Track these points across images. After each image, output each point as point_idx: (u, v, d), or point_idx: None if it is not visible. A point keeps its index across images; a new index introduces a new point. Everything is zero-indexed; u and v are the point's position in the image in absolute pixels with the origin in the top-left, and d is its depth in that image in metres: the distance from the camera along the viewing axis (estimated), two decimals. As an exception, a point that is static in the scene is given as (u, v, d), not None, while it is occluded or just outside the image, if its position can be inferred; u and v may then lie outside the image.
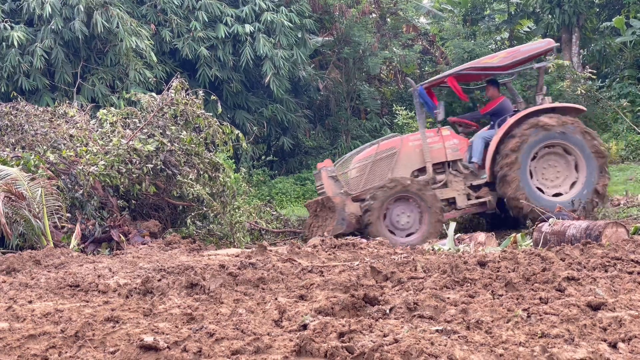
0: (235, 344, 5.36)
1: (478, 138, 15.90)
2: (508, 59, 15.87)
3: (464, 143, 15.82)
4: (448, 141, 15.63)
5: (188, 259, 10.21)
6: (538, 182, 15.27)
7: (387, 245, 11.38)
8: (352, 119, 31.02)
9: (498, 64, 15.88)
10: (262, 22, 24.53)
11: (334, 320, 5.94)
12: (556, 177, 15.35)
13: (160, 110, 14.64)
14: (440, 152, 15.55)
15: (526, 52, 16.10)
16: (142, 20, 23.32)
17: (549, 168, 15.35)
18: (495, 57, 16.14)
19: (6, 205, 11.46)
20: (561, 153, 15.29)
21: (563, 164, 15.33)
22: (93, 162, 13.35)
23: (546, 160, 15.34)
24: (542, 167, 15.33)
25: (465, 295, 6.91)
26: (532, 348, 5.16)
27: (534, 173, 15.25)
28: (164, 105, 14.65)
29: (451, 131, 16.01)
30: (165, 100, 14.70)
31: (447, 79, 15.76)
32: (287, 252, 10.23)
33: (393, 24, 33.68)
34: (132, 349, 5.26)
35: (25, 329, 5.95)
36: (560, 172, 15.34)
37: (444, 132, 15.75)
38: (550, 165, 15.35)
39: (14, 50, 20.55)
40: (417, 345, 5.08)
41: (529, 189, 14.94)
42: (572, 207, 14.09)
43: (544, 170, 15.34)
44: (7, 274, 8.88)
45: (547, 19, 33.97)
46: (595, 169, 15.10)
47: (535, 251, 9.09)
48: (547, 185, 15.32)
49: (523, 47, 16.57)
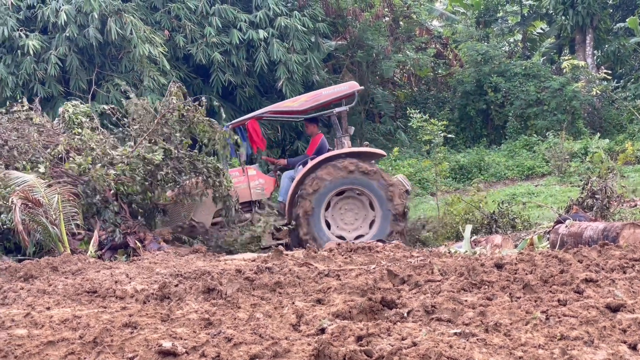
0: (253, 348, 5.36)
1: (285, 177, 15.95)
2: (309, 102, 15.92)
3: (271, 182, 15.78)
4: (253, 181, 15.50)
5: (204, 264, 10.21)
6: (331, 217, 15.35)
7: (403, 248, 11.36)
8: (366, 122, 31.00)
9: (298, 108, 15.95)
10: (276, 27, 24.54)
11: (351, 324, 5.93)
12: (351, 222, 15.46)
13: (163, 117, 14.60)
14: (245, 192, 15.43)
15: (328, 95, 16.15)
16: (156, 26, 23.38)
17: (349, 212, 15.45)
18: (297, 101, 16.24)
19: (23, 212, 11.49)
20: (355, 196, 15.39)
21: (363, 214, 15.43)
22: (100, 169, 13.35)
23: (349, 204, 15.44)
24: (344, 207, 15.44)
25: (482, 297, 6.89)
26: (552, 350, 5.14)
27: (330, 220, 15.33)
28: (166, 111, 14.60)
29: (257, 171, 15.91)
30: (167, 107, 14.65)
31: (247, 123, 15.65)
32: (304, 256, 10.21)
33: (406, 27, 33.64)
34: (151, 355, 5.26)
35: (43, 336, 5.97)
36: (357, 220, 15.47)
37: (250, 171, 15.60)
38: (352, 210, 15.45)
39: (29, 58, 20.63)
40: (435, 348, 5.06)
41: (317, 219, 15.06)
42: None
43: (344, 210, 15.44)
44: (25, 280, 8.90)
45: (560, 20, 33.91)
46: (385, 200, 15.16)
47: (552, 253, 9.05)
48: (338, 224, 15.38)
49: (325, 91, 16.58)
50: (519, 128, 30.32)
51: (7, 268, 9.38)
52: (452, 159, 26.24)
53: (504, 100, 31.14)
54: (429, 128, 19.52)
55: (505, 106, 31.08)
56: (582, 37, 32.73)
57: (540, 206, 18.50)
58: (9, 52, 21.10)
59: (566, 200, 16.61)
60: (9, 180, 12.42)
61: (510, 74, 31.36)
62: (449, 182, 24.56)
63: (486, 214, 16.14)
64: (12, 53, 20.99)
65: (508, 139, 29.92)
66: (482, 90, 31.54)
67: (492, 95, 31.16)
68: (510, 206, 16.83)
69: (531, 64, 31.95)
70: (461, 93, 32.36)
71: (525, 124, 30.40)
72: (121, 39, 21.17)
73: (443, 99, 34.65)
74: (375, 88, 31.99)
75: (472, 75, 31.94)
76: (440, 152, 19.85)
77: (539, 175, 25.67)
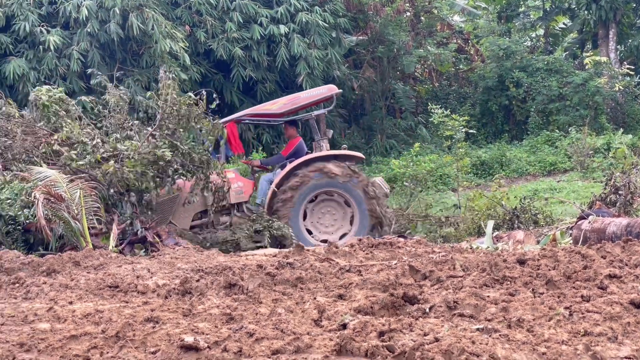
0: (275, 343, 5.36)
1: (263, 180, 15.97)
2: (288, 105, 16.06)
3: (249, 185, 15.69)
4: (232, 184, 15.34)
5: (226, 259, 10.22)
6: (311, 224, 15.44)
7: (424, 244, 11.33)
8: (387, 118, 30.94)
9: (277, 111, 16.05)
10: (297, 22, 24.53)
11: (373, 319, 5.92)
12: (331, 224, 15.56)
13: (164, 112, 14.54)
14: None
15: (306, 99, 16.37)
16: (177, 21, 23.42)
17: (326, 214, 15.56)
18: (275, 104, 16.36)
19: (45, 207, 11.54)
20: (333, 198, 15.50)
21: (341, 213, 15.56)
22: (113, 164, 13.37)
23: (325, 207, 15.54)
24: (320, 211, 15.52)
25: (505, 293, 6.86)
26: (575, 346, 5.12)
27: (308, 214, 15.43)
28: (168, 106, 14.55)
29: (236, 174, 15.86)
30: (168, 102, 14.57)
31: (227, 125, 15.57)
32: (325, 251, 10.21)
33: (427, 22, 33.53)
34: (173, 349, 5.27)
35: (66, 330, 5.99)
36: (336, 220, 15.58)
37: (229, 174, 15.48)
38: (329, 212, 15.57)
39: (50, 54, 20.71)
40: (458, 344, 5.04)
41: (297, 228, 15.07)
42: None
43: (320, 214, 15.53)
44: (48, 275, 8.93)
45: (583, 15, 33.72)
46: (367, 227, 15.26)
47: (575, 249, 9.01)
48: (320, 229, 15.49)
49: (303, 94, 16.80)
50: (541, 123, 30.16)
51: (30, 262, 9.42)
52: (473, 154, 26.13)
53: (526, 95, 31.00)
54: (450, 123, 19.47)
55: (527, 101, 30.93)
56: (605, 32, 32.53)
57: (562, 202, 18.40)
58: (30, 48, 21.18)
59: (589, 196, 16.53)
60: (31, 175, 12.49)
61: (532, 69, 31.20)
62: (470, 178, 24.47)
63: (508, 210, 16.07)
64: (34, 48, 21.07)
65: (530, 135, 29.77)
66: (504, 86, 31.39)
67: (514, 90, 31.02)
68: (532, 202, 16.75)
69: (553, 59, 31.77)
70: (483, 88, 32.22)
71: (547, 119, 30.24)
72: (142, 34, 21.22)
73: (464, 95, 34.53)
74: (396, 83, 31.91)
75: (494, 71, 31.81)
76: (462, 147, 19.78)
77: (561, 171, 25.53)
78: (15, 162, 13.69)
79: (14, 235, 12.13)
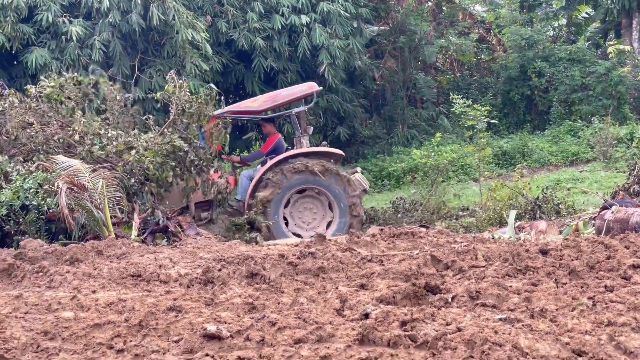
0: (297, 332, 5.36)
1: (243, 177, 15.97)
2: (268, 102, 16.18)
3: (230, 181, 15.64)
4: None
5: (247, 249, 10.24)
6: (296, 226, 15.48)
7: (446, 234, 11.31)
8: (408, 108, 30.89)
9: (257, 108, 16.12)
10: (319, 12, 24.50)
11: (395, 309, 5.92)
12: (313, 218, 15.61)
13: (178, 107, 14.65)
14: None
15: (286, 96, 16.42)
16: (198, 12, 23.44)
17: (305, 211, 15.59)
18: (256, 101, 16.47)
19: (68, 196, 11.60)
20: (314, 195, 15.52)
21: (318, 205, 15.58)
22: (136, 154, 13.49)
23: (302, 204, 15.57)
24: (299, 210, 15.57)
25: (528, 283, 6.84)
26: (599, 337, 5.10)
27: (289, 218, 15.45)
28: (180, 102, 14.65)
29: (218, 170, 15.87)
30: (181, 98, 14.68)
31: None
32: (346, 241, 10.21)
33: (449, 12, 33.44)
34: (196, 338, 5.29)
35: (90, 318, 6.02)
36: (316, 213, 15.62)
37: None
38: (307, 207, 15.60)
39: (73, 44, 20.77)
40: (480, 334, 5.03)
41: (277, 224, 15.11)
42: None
43: (300, 213, 15.57)
44: (71, 264, 8.98)
45: (606, 4, 33.50)
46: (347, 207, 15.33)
47: (598, 239, 8.96)
48: (305, 227, 15.50)
49: (284, 92, 16.87)
50: (563, 113, 30.02)
51: (54, 252, 9.47)
52: (495, 144, 26.04)
53: (548, 85, 30.85)
54: (472, 113, 19.39)
55: (550, 91, 30.79)
56: (629, 21, 32.28)
57: (585, 192, 18.31)
58: (53, 38, 21.25)
59: (612, 186, 16.43)
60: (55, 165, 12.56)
61: (554, 59, 31.05)
62: (491, 168, 24.40)
63: (530, 200, 16.02)
64: (57, 39, 21.14)
65: (552, 125, 29.64)
66: (526, 76, 31.26)
67: (536, 80, 30.87)
68: (554, 192, 16.69)
69: (576, 49, 31.59)
70: (505, 78, 32.09)
71: (570, 109, 30.10)
72: (164, 24, 21.24)
73: (486, 85, 34.41)
74: (417, 73, 31.85)
75: (516, 61, 31.68)
76: (483, 137, 19.70)
77: (584, 161, 25.40)
78: (38, 153, 13.80)
79: (37, 225, 12.21)
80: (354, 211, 15.36)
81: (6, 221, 12.16)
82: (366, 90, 30.18)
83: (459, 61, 35.34)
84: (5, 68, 21.63)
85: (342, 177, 15.39)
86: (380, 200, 21.97)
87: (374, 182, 25.34)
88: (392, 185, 25.23)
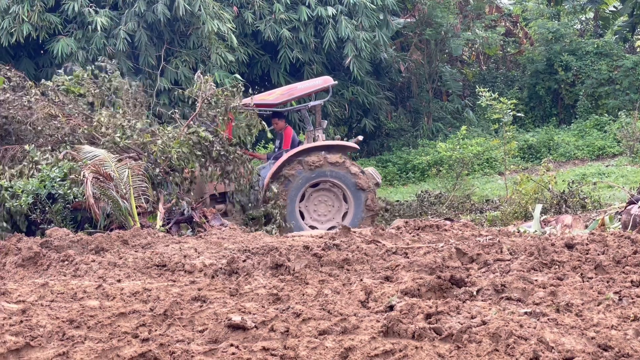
0: (322, 324, 5.37)
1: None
2: (284, 96, 16.18)
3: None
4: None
5: (272, 240, 10.26)
6: (312, 219, 15.53)
7: (471, 227, 11.28)
8: (433, 100, 30.79)
9: (274, 101, 16.08)
10: (345, 4, 24.45)
11: (420, 301, 5.91)
12: (329, 211, 15.66)
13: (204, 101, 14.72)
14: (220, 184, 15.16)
15: (303, 89, 16.47)
16: (224, 2, 23.43)
17: (320, 204, 15.65)
18: (272, 94, 16.45)
19: (94, 185, 11.66)
20: (329, 188, 15.56)
21: (332, 197, 15.63)
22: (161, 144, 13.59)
23: (316, 197, 15.63)
24: (314, 204, 15.63)
25: (553, 277, 6.81)
26: (625, 331, 5.07)
27: (305, 212, 15.52)
28: (207, 96, 14.73)
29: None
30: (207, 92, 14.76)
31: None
32: (371, 233, 10.20)
33: (476, 5, 33.24)
34: (221, 328, 5.30)
35: (115, 307, 6.05)
36: (332, 205, 15.67)
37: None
38: (321, 201, 15.65)
39: (98, 34, 20.84)
40: (505, 327, 5.02)
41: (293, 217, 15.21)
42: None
43: (315, 207, 15.64)
44: (96, 253, 9.03)
45: (634, -2, 33.22)
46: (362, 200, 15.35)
47: (624, 234, 8.92)
48: (322, 220, 15.58)
49: (300, 85, 16.91)
50: (589, 107, 29.83)
51: (79, 241, 9.53)
52: (520, 138, 25.94)
53: (575, 79, 30.65)
54: (497, 107, 19.31)
55: (576, 85, 30.59)
56: (657, 15, 32.02)
57: (611, 186, 18.19)
58: (79, 28, 21.34)
59: (638, 180, 16.37)
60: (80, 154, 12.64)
61: (581, 53, 30.84)
62: (517, 162, 24.31)
63: (556, 194, 15.94)
64: (83, 28, 21.23)
65: (578, 119, 29.46)
66: (553, 69, 31.06)
67: (563, 74, 30.68)
68: (580, 186, 16.59)
69: (603, 43, 31.36)
70: (531, 72, 31.90)
71: (597, 103, 29.90)
72: (190, 15, 21.27)
73: (512, 78, 34.23)
74: (443, 66, 31.73)
75: (543, 54, 31.49)
76: (509, 131, 19.62)
77: (610, 156, 25.25)
78: (64, 144, 13.91)
79: (63, 214, 12.29)
80: (369, 203, 15.38)
81: (33, 210, 12.25)
82: (392, 82, 30.10)
83: (485, 54, 35.18)
84: (32, 57, 21.75)
85: (357, 170, 15.43)
86: (405, 193, 21.95)
87: (399, 175, 25.32)
88: (416, 177, 25.18)
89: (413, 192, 20.62)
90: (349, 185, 15.31)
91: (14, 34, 20.34)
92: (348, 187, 15.33)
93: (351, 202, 15.39)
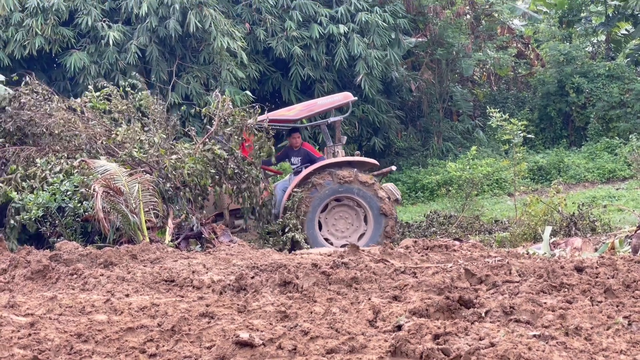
0: (330, 342, 5.36)
1: (279, 190, 15.85)
2: (304, 111, 16.24)
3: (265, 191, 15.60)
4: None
5: (281, 257, 10.25)
6: (328, 232, 15.45)
7: (480, 248, 11.26)
8: (444, 120, 30.79)
9: (294, 117, 16.12)
10: (357, 22, 24.51)
11: (428, 321, 5.90)
12: (347, 228, 15.58)
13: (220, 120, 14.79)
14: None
15: (323, 105, 16.42)
16: (236, 19, 23.52)
17: (340, 220, 15.58)
18: (292, 110, 16.50)
19: (104, 199, 11.69)
20: (351, 205, 15.47)
21: (354, 215, 15.55)
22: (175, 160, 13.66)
23: (337, 212, 15.56)
24: (334, 218, 15.54)
25: (562, 300, 6.78)
26: (634, 356, 5.05)
27: (323, 224, 15.46)
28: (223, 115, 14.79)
29: None
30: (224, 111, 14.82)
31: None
32: (380, 252, 10.19)
33: (488, 25, 33.29)
34: (228, 345, 5.30)
35: (123, 322, 6.06)
36: (351, 223, 15.58)
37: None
38: (342, 217, 15.58)
39: (111, 48, 20.94)
40: (514, 349, 5.00)
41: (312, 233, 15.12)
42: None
43: (334, 221, 15.55)
44: (105, 267, 9.04)
45: (646, 21, 33.22)
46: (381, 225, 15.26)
47: (635, 258, 8.89)
48: (337, 235, 15.50)
49: (320, 101, 16.91)
50: (600, 130, 29.80)
51: (88, 254, 9.55)
52: (530, 159, 25.92)
53: (586, 101, 30.63)
54: (508, 128, 19.30)
55: (587, 107, 30.57)
56: (669, 39, 32.01)
57: (621, 210, 18.15)
58: (92, 42, 21.45)
59: (648, 204, 16.29)
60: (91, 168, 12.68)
61: (593, 75, 30.83)
62: (527, 183, 24.28)
63: (565, 216, 15.90)
64: (96, 43, 21.33)
65: (589, 141, 29.43)
66: (564, 91, 31.04)
67: (574, 96, 30.65)
68: (590, 209, 16.56)
69: (615, 66, 31.35)
70: (542, 93, 31.89)
71: (607, 126, 29.86)
72: (201, 31, 21.36)
73: (523, 99, 34.21)
74: (454, 86, 31.75)
75: (554, 76, 31.47)
76: (519, 152, 19.60)
77: (620, 179, 25.19)
78: (81, 152, 13.97)
79: (73, 227, 12.33)
80: (388, 230, 15.34)
81: (42, 223, 12.27)
82: (402, 101, 30.12)
83: (496, 75, 35.18)
84: (45, 70, 21.86)
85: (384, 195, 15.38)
86: (414, 212, 21.92)
87: (408, 194, 25.26)
88: (425, 197, 25.15)
89: (422, 212, 20.59)
90: (373, 208, 15.24)
91: (27, 46, 20.48)
92: (372, 210, 15.26)
93: (371, 225, 15.33)
